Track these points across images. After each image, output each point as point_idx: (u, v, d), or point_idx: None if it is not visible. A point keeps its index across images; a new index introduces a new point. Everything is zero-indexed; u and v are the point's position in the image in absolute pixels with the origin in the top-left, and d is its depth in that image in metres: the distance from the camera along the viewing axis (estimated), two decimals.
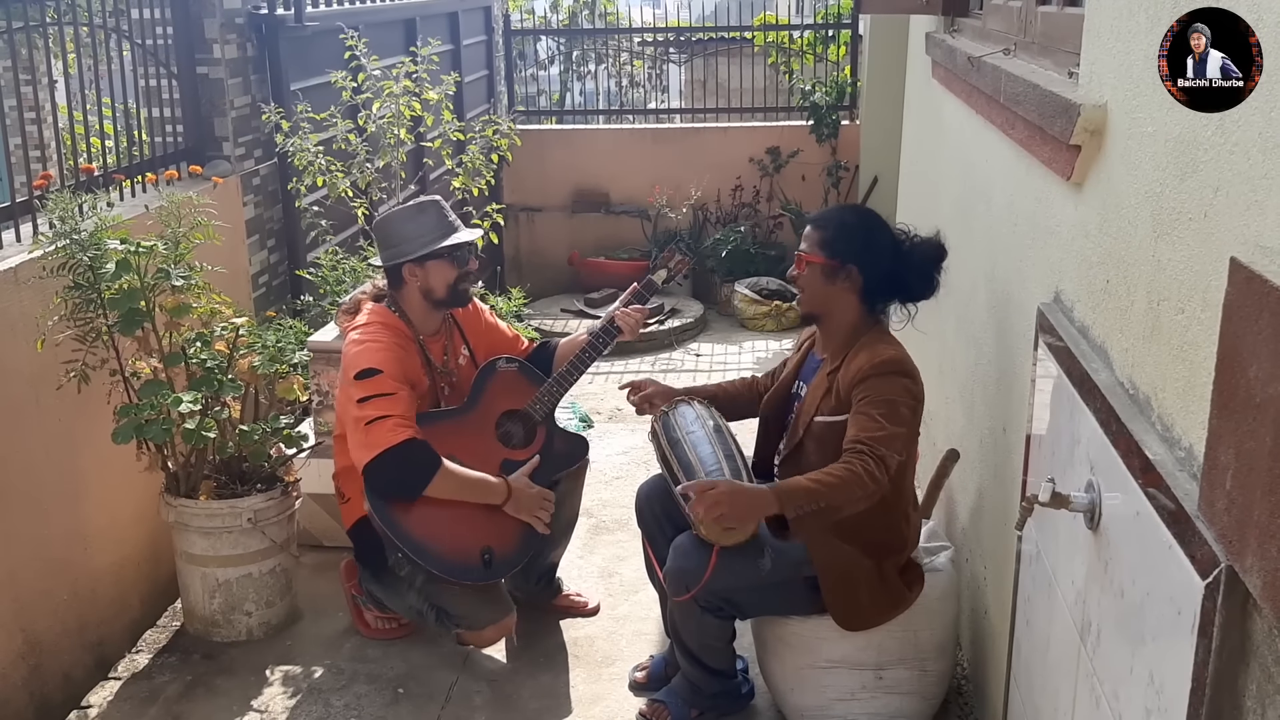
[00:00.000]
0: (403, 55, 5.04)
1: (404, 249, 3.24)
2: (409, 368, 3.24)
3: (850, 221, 2.95)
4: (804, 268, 2.92)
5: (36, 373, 3.09)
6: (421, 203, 3.31)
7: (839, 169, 7.46)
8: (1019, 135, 2.66)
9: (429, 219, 3.27)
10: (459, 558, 3.20)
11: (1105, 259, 1.99)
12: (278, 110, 4.36)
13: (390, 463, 3.08)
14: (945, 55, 3.83)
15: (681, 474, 2.89)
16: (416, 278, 3.26)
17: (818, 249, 2.89)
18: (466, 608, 3.28)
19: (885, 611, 2.88)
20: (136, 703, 3.27)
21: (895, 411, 2.73)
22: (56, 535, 3.20)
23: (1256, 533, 1.22)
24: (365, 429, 3.09)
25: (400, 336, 3.26)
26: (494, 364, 3.43)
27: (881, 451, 2.66)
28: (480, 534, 3.23)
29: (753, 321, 6.96)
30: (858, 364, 2.79)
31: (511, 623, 3.34)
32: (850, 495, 2.66)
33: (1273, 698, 1.25)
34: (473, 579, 3.24)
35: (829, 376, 2.87)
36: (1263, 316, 1.21)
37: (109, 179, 3.69)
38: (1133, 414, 1.74)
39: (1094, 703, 1.84)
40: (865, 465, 2.64)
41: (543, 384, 3.42)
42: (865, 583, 2.84)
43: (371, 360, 3.14)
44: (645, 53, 9.59)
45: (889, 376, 2.76)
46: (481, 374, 3.41)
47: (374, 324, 3.25)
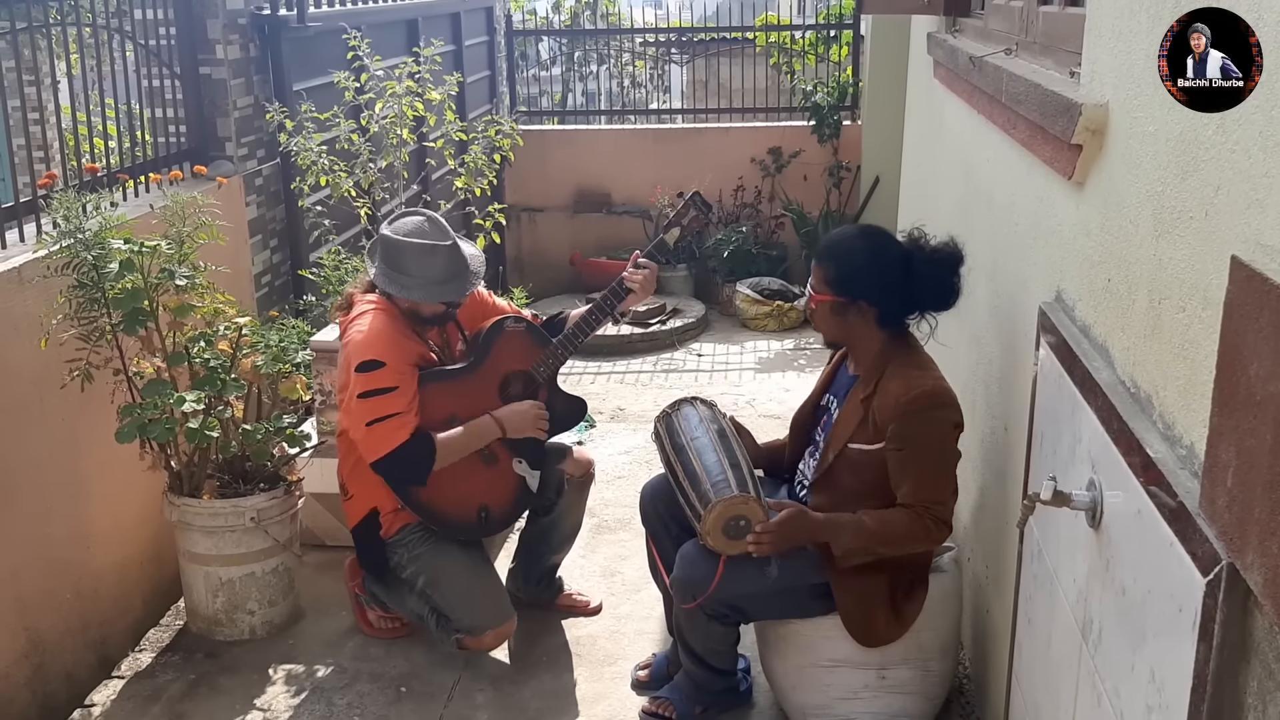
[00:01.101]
0: (405, 55, 5.05)
1: (403, 285, 3.21)
2: (409, 351, 3.25)
3: (855, 250, 2.83)
4: (816, 305, 2.87)
5: (40, 372, 3.10)
6: (435, 246, 3.22)
7: (840, 169, 7.46)
8: (1020, 135, 2.66)
9: (436, 265, 3.22)
10: (459, 516, 3.32)
11: (1106, 258, 1.99)
12: (281, 110, 4.36)
13: (396, 463, 3.15)
14: (947, 55, 3.83)
15: (686, 482, 2.89)
16: (406, 302, 3.27)
17: (825, 287, 2.82)
18: (467, 611, 3.29)
19: (903, 627, 2.87)
20: (139, 701, 3.27)
21: (941, 454, 2.73)
22: (60, 534, 3.21)
23: (1257, 530, 1.22)
24: (368, 430, 3.12)
25: (395, 319, 3.27)
26: (501, 323, 3.41)
27: (938, 510, 2.70)
28: (478, 494, 3.33)
29: (754, 321, 6.96)
30: (894, 394, 2.71)
31: (511, 629, 3.36)
32: (907, 548, 2.74)
33: (1273, 694, 1.25)
34: (470, 535, 3.37)
35: (864, 404, 2.79)
36: (1263, 315, 1.22)
37: (112, 179, 3.70)
38: (1134, 412, 1.74)
39: (1095, 700, 1.85)
40: (926, 525, 2.68)
41: (549, 345, 3.41)
42: (883, 602, 2.84)
43: (373, 351, 3.15)
44: (647, 53, 9.59)
45: (928, 415, 2.70)
46: (489, 333, 3.39)
47: (371, 312, 3.25)
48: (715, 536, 2.78)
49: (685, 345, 6.74)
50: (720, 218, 7.65)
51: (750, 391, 5.83)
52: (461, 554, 3.32)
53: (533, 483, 3.41)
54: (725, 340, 6.85)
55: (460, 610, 3.29)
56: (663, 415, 3.12)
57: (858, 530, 2.70)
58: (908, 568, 2.86)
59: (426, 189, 5.82)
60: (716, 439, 2.95)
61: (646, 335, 6.67)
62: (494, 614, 3.31)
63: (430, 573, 3.29)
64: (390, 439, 3.11)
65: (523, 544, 3.67)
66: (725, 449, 2.92)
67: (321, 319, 4.40)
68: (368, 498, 3.32)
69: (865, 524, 2.70)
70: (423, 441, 3.17)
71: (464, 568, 3.31)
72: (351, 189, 4.49)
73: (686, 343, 6.78)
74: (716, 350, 6.67)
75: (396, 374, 3.15)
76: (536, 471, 3.42)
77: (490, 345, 3.38)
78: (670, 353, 6.61)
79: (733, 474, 2.83)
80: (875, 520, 2.69)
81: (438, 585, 3.29)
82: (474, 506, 3.33)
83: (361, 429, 3.12)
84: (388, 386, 3.13)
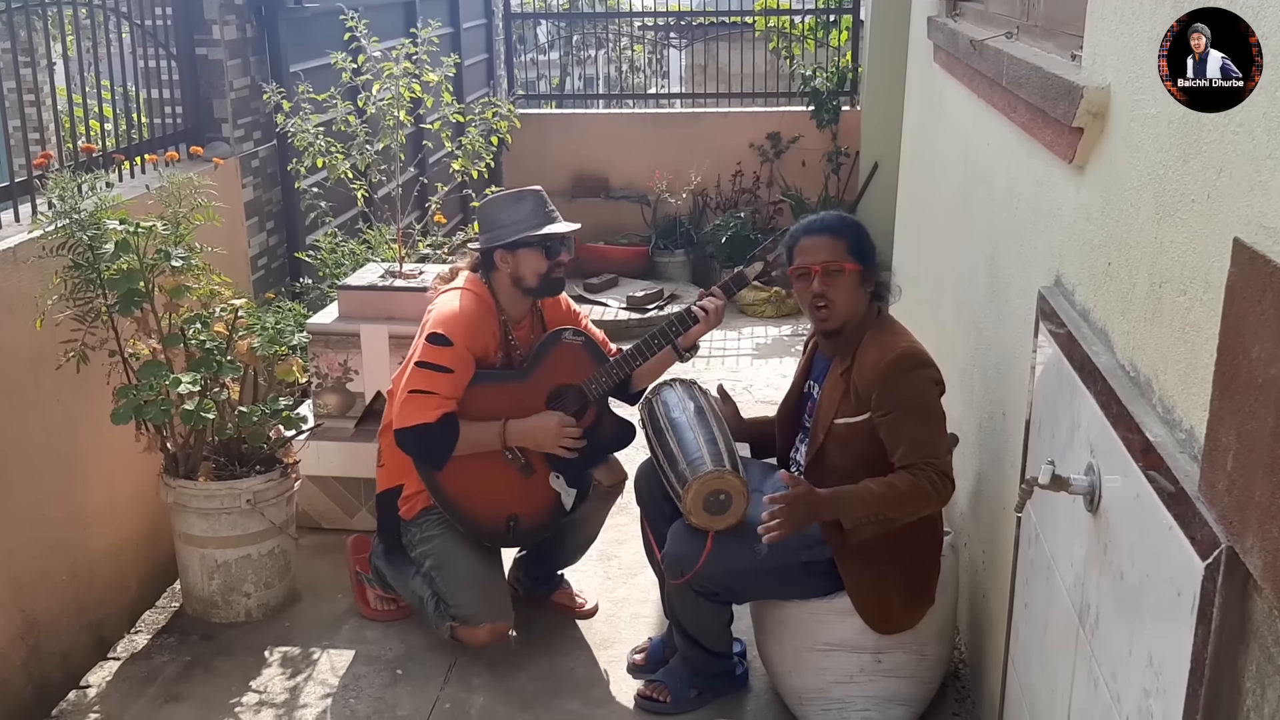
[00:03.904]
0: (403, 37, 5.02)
1: (498, 234, 3.24)
2: (483, 340, 3.24)
3: (856, 223, 2.92)
4: (835, 279, 2.79)
5: (36, 353, 3.09)
6: (521, 191, 3.31)
7: (839, 155, 7.45)
8: (1021, 119, 2.65)
9: (525, 207, 3.27)
10: (486, 520, 3.29)
11: (1107, 242, 1.99)
12: (278, 91, 4.34)
13: (420, 436, 3.14)
14: (947, 39, 3.82)
15: (667, 465, 2.91)
16: (508, 264, 3.25)
17: (850, 257, 2.80)
18: (467, 599, 3.27)
19: (921, 611, 2.87)
20: (135, 683, 3.27)
21: (928, 411, 2.73)
22: (55, 516, 3.20)
23: (1257, 513, 1.22)
24: (408, 397, 3.13)
25: (484, 308, 3.26)
26: (559, 334, 3.36)
27: (938, 464, 2.68)
28: (510, 502, 3.30)
29: (752, 308, 6.95)
30: (870, 361, 2.74)
31: (506, 629, 3.33)
32: (916, 509, 2.72)
33: (1272, 678, 1.25)
34: (494, 542, 3.36)
35: (843, 377, 2.81)
36: (1266, 297, 1.21)
37: (108, 160, 3.68)
38: (1133, 396, 1.74)
39: (1092, 685, 1.85)
40: (930, 479, 2.66)
41: (604, 363, 3.35)
42: (898, 586, 2.84)
43: (449, 327, 3.16)
44: (645, 37, 9.55)
45: (908, 374, 2.72)
46: (544, 342, 3.34)
47: (464, 291, 3.26)
48: (698, 514, 2.79)
49: None
50: (719, 203, 7.63)
51: (748, 377, 5.83)
52: (474, 546, 3.31)
53: (567, 500, 3.34)
54: (722, 326, 6.79)
55: (461, 597, 3.28)
56: (644, 401, 3.13)
57: (865, 498, 2.69)
58: (920, 550, 2.86)
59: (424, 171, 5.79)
60: (694, 417, 2.96)
61: (644, 320, 6.66)
62: (494, 608, 3.29)
63: (440, 555, 3.28)
64: (421, 414, 3.11)
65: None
66: (702, 426, 2.93)
67: (318, 301, 4.39)
68: (400, 471, 3.31)
69: (872, 490, 2.69)
70: (448, 427, 3.14)
71: (474, 558, 3.30)
72: (348, 171, 4.46)
73: None
74: (714, 336, 6.64)
75: (459, 358, 3.15)
76: (573, 490, 3.35)
77: (544, 354, 3.33)
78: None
79: (708, 449, 2.84)
80: (881, 486, 2.68)
81: (444, 569, 3.28)
82: (503, 515, 3.30)
83: (404, 393, 3.14)
84: (446, 366, 3.13)
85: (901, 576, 2.84)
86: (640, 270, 7.37)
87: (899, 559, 2.82)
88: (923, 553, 2.88)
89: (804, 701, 3.00)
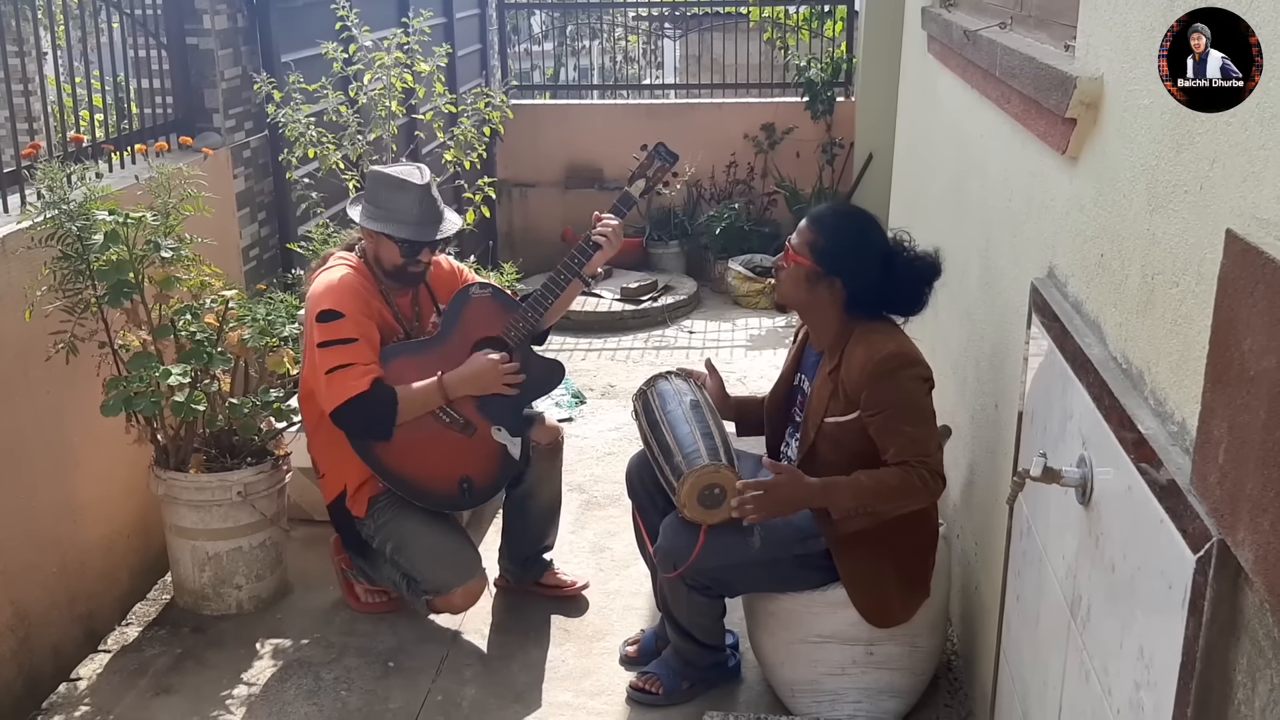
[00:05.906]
0: (395, 27, 5.00)
1: (369, 212, 3.23)
2: (374, 306, 3.23)
3: (848, 229, 2.83)
4: (789, 263, 2.83)
5: (25, 344, 3.07)
6: (406, 181, 3.23)
7: (834, 146, 7.43)
8: (1014, 109, 2.64)
9: (404, 199, 3.21)
10: (440, 488, 3.29)
11: (1100, 233, 1.98)
12: (269, 81, 4.32)
13: (355, 410, 3.10)
14: (941, 30, 3.80)
15: (661, 457, 2.90)
16: (370, 241, 3.26)
17: (809, 251, 2.79)
18: (432, 570, 3.28)
19: (916, 604, 2.87)
20: (126, 675, 3.26)
21: (918, 411, 2.71)
22: (45, 508, 3.19)
23: (1249, 506, 1.21)
24: (327, 379, 3.10)
25: (362, 276, 3.25)
26: (467, 291, 3.37)
27: (930, 462, 2.67)
28: (458, 464, 3.29)
29: (746, 299, 6.95)
30: (858, 361, 2.72)
31: (480, 588, 3.33)
32: (906, 503, 2.71)
33: (1263, 671, 1.24)
34: (453, 507, 3.38)
35: (831, 376, 2.80)
36: (1258, 289, 1.20)
37: (98, 150, 3.66)
38: (1126, 389, 1.73)
39: (1083, 677, 1.84)
40: (921, 476, 2.65)
41: (518, 308, 3.37)
42: (893, 580, 2.84)
43: (333, 301, 3.14)
44: (640, 28, 9.52)
45: (895, 374, 2.69)
46: (455, 302, 3.35)
47: (339, 267, 3.25)
48: (692, 508, 2.79)
49: (677, 322, 6.72)
50: (713, 194, 7.61)
51: (741, 368, 5.82)
52: (425, 515, 3.31)
53: (514, 450, 3.34)
54: (717, 317, 6.83)
55: (425, 570, 3.28)
56: (639, 392, 3.11)
57: (856, 489, 2.68)
58: (917, 543, 2.86)
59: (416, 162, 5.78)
60: (690, 410, 2.95)
61: (638, 312, 6.65)
62: (459, 571, 3.28)
63: (397, 537, 3.28)
64: (349, 387, 3.08)
65: (504, 523, 3.65)
66: (698, 420, 2.92)
67: None
68: (338, 475, 3.31)
69: (862, 482, 2.68)
70: (383, 391, 3.12)
71: (427, 528, 3.29)
72: (340, 161, 4.45)
73: (678, 319, 6.76)
74: (708, 327, 6.65)
75: (356, 326, 3.13)
76: (517, 439, 3.35)
77: (458, 314, 3.34)
78: (661, 329, 6.59)
79: (704, 443, 2.83)
80: (871, 478, 2.68)
81: (404, 549, 3.28)
82: (455, 479, 3.29)
83: (321, 377, 3.11)
84: (348, 337, 3.11)
85: (898, 570, 2.84)
86: (634, 261, 7.35)
87: (895, 553, 2.82)
88: (919, 546, 2.87)
89: (796, 693, 3.00)
